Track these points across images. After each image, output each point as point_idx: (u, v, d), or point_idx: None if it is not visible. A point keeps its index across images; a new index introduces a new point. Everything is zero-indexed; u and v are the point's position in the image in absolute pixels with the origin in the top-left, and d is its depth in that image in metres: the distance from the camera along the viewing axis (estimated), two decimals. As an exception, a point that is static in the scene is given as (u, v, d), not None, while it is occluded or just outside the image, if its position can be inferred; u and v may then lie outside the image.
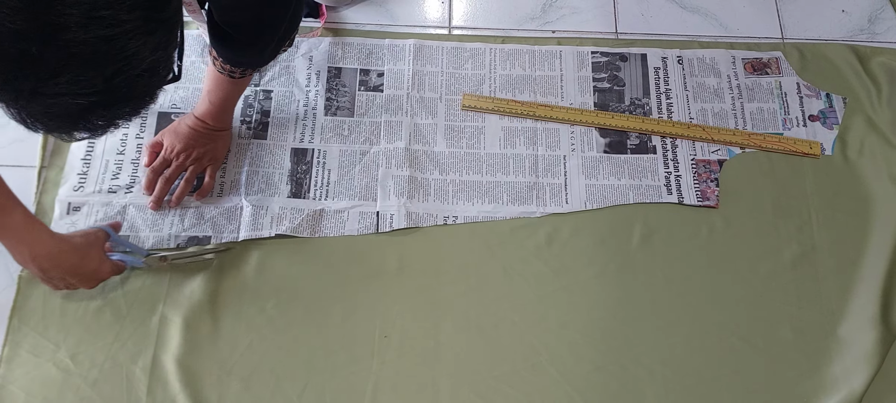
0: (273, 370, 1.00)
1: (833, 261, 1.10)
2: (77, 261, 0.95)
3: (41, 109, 0.60)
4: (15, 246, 0.91)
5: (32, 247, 0.91)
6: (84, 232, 0.99)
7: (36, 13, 0.54)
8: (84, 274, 0.97)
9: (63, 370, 1.00)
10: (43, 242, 0.92)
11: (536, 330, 1.04)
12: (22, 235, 0.90)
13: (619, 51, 1.27)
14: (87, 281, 0.98)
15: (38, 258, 0.92)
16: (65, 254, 0.94)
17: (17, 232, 0.90)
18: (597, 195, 1.14)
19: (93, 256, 0.98)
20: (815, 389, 1.02)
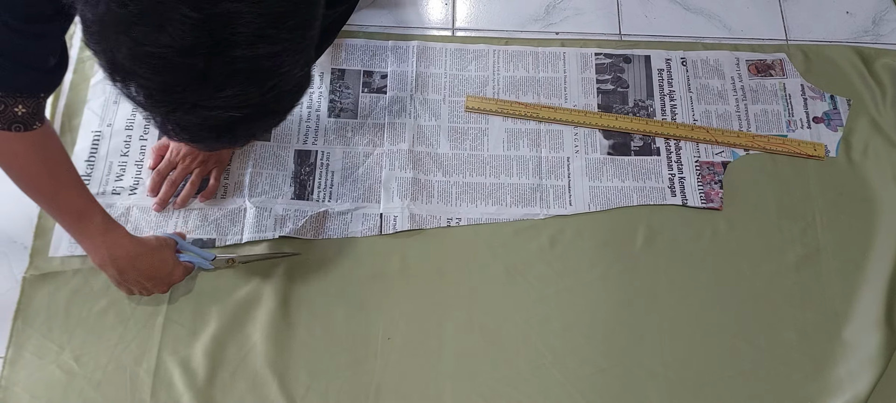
0: (276, 371, 1.00)
1: (837, 263, 1.10)
2: (154, 264, 0.97)
3: (197, 122, 0.62)
4: (95, 248, 0.93)
5: (112, 250, 0.93)
6: (157, 237, 1.01)
7: (212, 30, 0.56)
8: (159, 276, 0.99)
9: (67, 371, 1.00)
10: (122, 245, 0.94)
11: (539, 331, 1.04)
12: (102, 238, 0.93)
13: (623, 52, 1.27)
14: (161, 284, 1.00)
15: (117, 260, 0.94)
16: (142, 257, 0.96)
17: (97, 235, 0.92)
18: (600, 197, 1.14)
19: (167, 259, 0.99)
20: (819, 391, 1.02)
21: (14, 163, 0.86)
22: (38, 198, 0.91)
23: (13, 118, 0.80)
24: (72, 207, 0.91)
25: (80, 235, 0.94)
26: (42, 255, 1.07)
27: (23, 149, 0.84)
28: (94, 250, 0.94)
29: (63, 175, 0.90)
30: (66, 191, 0.91)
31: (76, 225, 0.93)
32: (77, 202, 0.91)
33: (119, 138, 1.16)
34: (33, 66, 0.79)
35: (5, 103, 0.78)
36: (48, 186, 0.89)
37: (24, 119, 0.80)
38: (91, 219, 0.92)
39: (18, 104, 0.79)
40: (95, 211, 0.93)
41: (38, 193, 0.90)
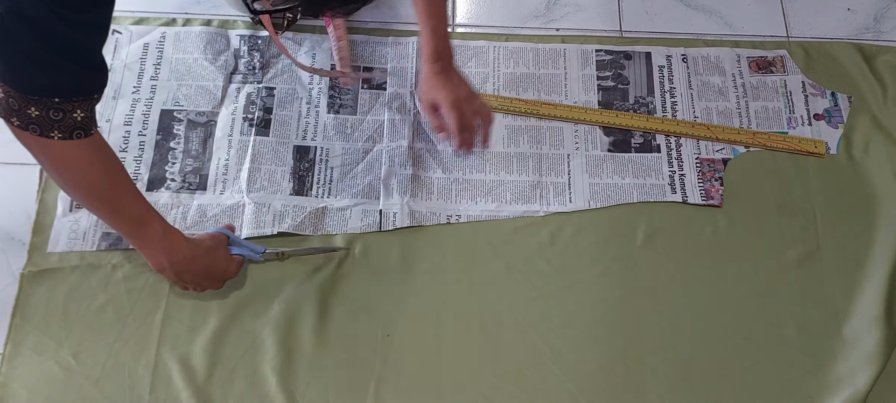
0: (276, 369, 1.00)
1: (838, 261, 1.09)
2: (209, 263, 0.98)
3: None
4: (154, 254, 0.93)
5: (170, 254, 0.93)
6: (210, 235, 1.00)
7: None
8: (215, 274, 0.99)
9: (65, 368, 1.00)
10: (179, 248, 0.94)
11: (539, 329, 1.04)
12: (161, 244, 0.93)
13: (624, 49, 1.27)
14: (217, 281, 1.01)
15: (176, 263, 0.94)
16: (198, 258, 0.96)
17: (156, 242, 0.92)
18: (600, 194, 1.14)
19: (221, 257, 1.00)
20: (819, 388, 1.01)
21: (77, 173, 0.84)
22: (100, 206, 0.89)
23: (73, 125, 0.78)
24: (132, 214, 0.90)
25: (139, 241, 0.93)
26: (40, 252, 1.06)
27: (85, 157, 0.82)
28: (154, 256, 0.94)
29: (123, 181, 0.89)
30: (127, 198, 0.90)
31: (136, 231, 0.92)
32: (137, 209, 0.91)
33: (118, 134, 1.15)
34: (87, 64, 0.77)
35: (64, 110, 0.76)
36: (110, 194, 0.88)
37: (83, 124, 0.79)
38: (151, 225, 0.92)
39: (77, 109, 0.77)
40: (154, 216, 0.92)
41: (100, 202, 0.88)
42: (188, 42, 1.23)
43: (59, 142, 0.78)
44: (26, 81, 0.74)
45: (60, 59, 0.74)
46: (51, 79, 0.75)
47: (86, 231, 1.08)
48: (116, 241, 1.07)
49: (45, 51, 0.72)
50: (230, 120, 1.17)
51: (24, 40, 0.71)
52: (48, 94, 0.75)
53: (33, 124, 0.76)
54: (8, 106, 0.75)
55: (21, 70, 0.74)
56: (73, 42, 0.74)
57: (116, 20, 1.25)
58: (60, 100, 0.76)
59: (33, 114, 0.75)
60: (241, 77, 1.21)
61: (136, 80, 1.19)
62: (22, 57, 0.73)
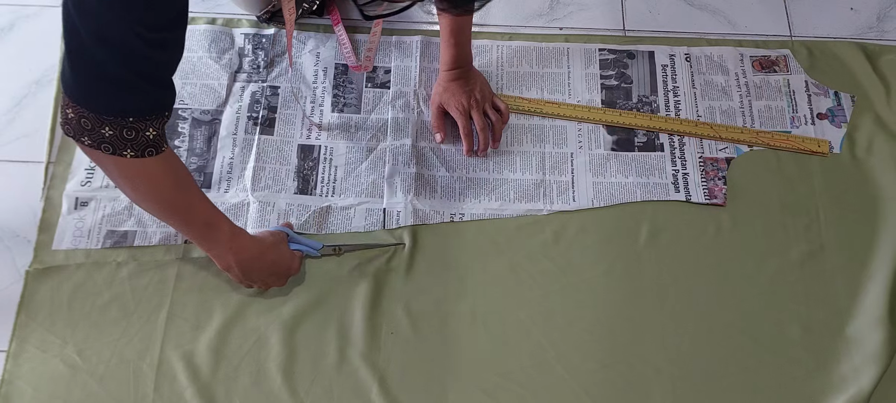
0: (280, 366, 1.00)
1: (841, 260, 1.09)
2: (274, 259, 1.00)
3: None
4: (222, 254, 0.95)
5: (238, 254, 0.95)
6: (272, 232, 1.02)
7: None
8: (279, 271, 1.01)
9: (70, 365, 1.00)
10: (246, 248, 0.96)
11: (543, 327, 1.04)
12: (229, 244, 0.94)
13: (627, 48, 1.27)
14: (281, 277, 1.02)
15: (243, 262, 0.96)
16: (264, 255, 0.98)
17: (224, 242, 0.94)
18: (604, 193, 1.14)
19: (284, 253, 1.01)
20: (822, 388, 1.01)
21: (150, 187, 0.85)
22: (171, 214, 0.90)
23: (146, 143, 0.78)
24: (202, 219, 0.92)
25: (207, 243, 0.94)
26: (45, 249, 1.07)
27: (157, 172, 0.83)
28: (221, 256, 0.95)
29: (192, 189, 0.90)
30: (196, 204, 0.91)
31: (205, 234, 0.93)
32: (205, 213, 0.92)
33: (122, 132, 1.15)
34: (160, 83, 0.78)
35: (137, 129, 0.77)
36: (181, 203, 0.89)
37: (155, 142, 0.79)
38: (219, 228, 0.93)
39: (149, 128, 0.78)
40: (221, 219, 0.94)
41: (171, 211, 0.90)
42: (192, 40, 1.23)
43: (131, 159, 0.78)
44: (103, 102, 0.74)
45: (137, 79, 0.74)
46: (127, 99, 0.75)
47: (91, 229, 1.08)
48: (121, 239, 1.08)
49: (124, 71, 0.73)
50: (234, 118, 1.17)
51: (104, 62, 0.72)
52: (123, 114, 0.75)
53: (106, 143, 0.77)
54: (80, 126, 0.76)
55: (98, 91, 0.74)
56: (150, 61, 0.75)
57: (121, 19, 1.25)
58: (134, 120, 0.76)
59: (107, 134, 0.76)
60: (246, 76, 1.21)
61: (140, 79, 1.20)
62: (101, 78, 0.73)
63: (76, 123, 0.76)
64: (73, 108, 0.75)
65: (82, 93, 0.74)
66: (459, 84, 1.14)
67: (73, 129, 0.76)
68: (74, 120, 0.75)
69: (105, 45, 0.71)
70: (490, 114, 1.16)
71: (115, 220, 1.09)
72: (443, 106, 1.15)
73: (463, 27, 1.11)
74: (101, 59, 0.71)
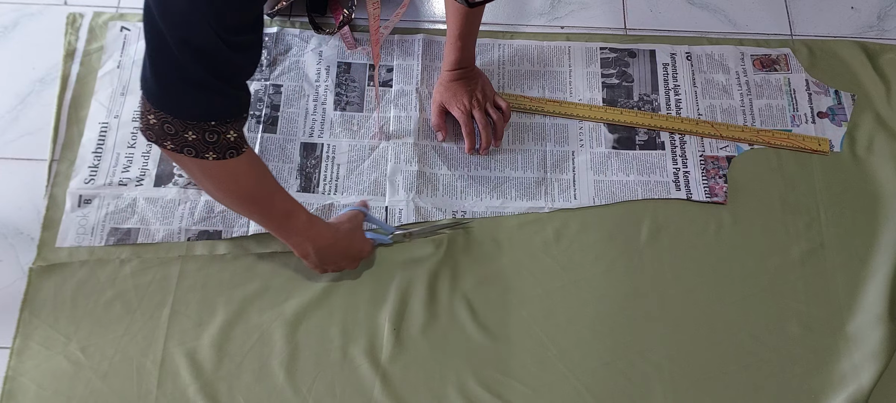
0: (283, 363, 1.01)
1: (841, 258, 1.10)
2: (349, 245, 1.02)
3: None
4: (300, 242, 0.97)
5: (315, 241, 0.97)
6: (348, 217, 1.03)
7: None
8: (352, 255, 1.03)
9: (74, 362, 1.00)
10: (323, 235, 0.98)
11: (544, 324, 1.05)
12: (306, 232, 0.96)
13: (628, 47, 1.27)
14: (354, 261, 1.04)
15: (319, 249, 0.98)
16: (339, 241, 1.00)
17: (302, 231, 0.96)
18: (605, 191, 1.15)
19: (358, 238, 1.03)
20: (822, 385, 1.02)
21: (232, 185, 0.86)
22: (251, 208, 0.92)
23: (227, 145, 0.79)
24: (281, 210, 0.93)
25: (285, 232, 0.96)
26: (49, 247, 1.07)
27: (239, 171, 0.84)
28: (299, 244, 0.97)
29: (271, 182, 0.91)
30: (275, 197, 0.92)
31: (284, 224, 0.95)
32: (284, 205, 0.93)
33: (126, 130, 1.16)
34: (239, 85, 0.79)
35: (218, 132, 0.78)
36: (262, 197, 0.90)
37: (236, 144, 0.80)
38: (297, 218, 0.95)
39: (230, 131, 0.79)
40: (298, 208, 0.95)
41: (252, 205, 0.91)
42: (195, 39, 1.23)
43: (213, 161, 0.79)
44: (187, 107, 0.75)
45: (219, 83, 0.75)
46: (210, 103, 0.76)
47: (94, 226, 1.09)
48: (124, 237, 1.08)
49: (207, 75, 0.73)
50: (237, 116, 1.18)
51: (188, 66, 0.72)
52: (206, 119, 0.76)
53: (189, 147, 0.77)
54: (163, 131, 0.76)
55: (182, 97, 0.75)
56: (232, 65, 0.75)
57: (124, 17, 1.26)
58: (216, 124, 0.77)
59: (190, 138, 0.77)
60: (248, 74, 1.21)
61: (143, 77, 1.20)
62: (185, 83, 0.74)
63: (159, 129, 0.76)
64: (156, 115, 0.75)
65: (166, 99, 0.75)
66: (461, 83, 1.15)
67: (155, 135, 0.77)
68: (157, 125, 0.76)
69: (189, 49, 0.71)
70: (491, 113, 1.16)
71: (118, 218, 1.09)
72: (444, 105, 1.16)
73: (472, 29, 1.12)
74: (185, 63, 0.72)
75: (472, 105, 1.15)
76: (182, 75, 0.73)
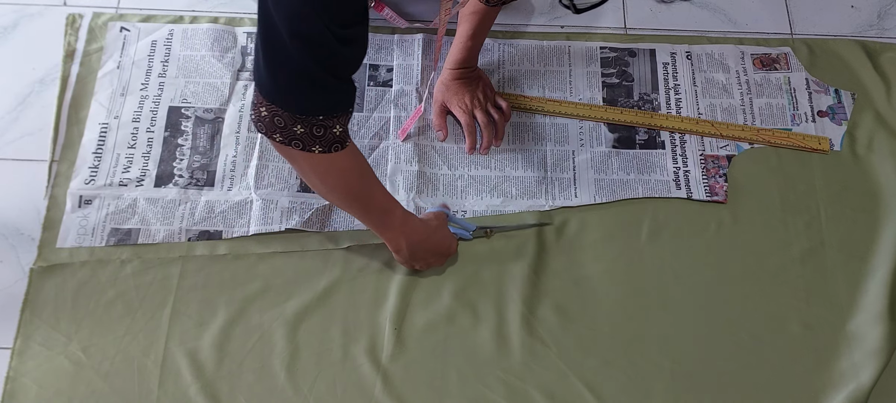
0: (284, 362, 1.01)
1: (841, 257, 1.10)
2: (438, 241, 1.03)
3: None
4: (394, 237, 0.99)
5: (408, 236, 0.99)
6: (435, 215, 1.05)
7: None
8: (441, 252, 1.04)
9: (75, 362, 1.00)
10: (417, 231, 1.00)
11: (545, 324, 1.05)
12: (401, 228, 0.98)
13: (628, 46, 1.27)
14: (442, 257, 1.06)
15: (412, 244, 0.99)
16: (430, 238, 1.02)
17: (397, 227, 0.98)
18: (605, 190, 1.15)
19: (447, 235, 1.05)
20: (823, 384, 1.02)
21: (338, 180, 0.87)
22: (353, 203, 0.94)
23: (333, 139, 0.81)
24: (380, 206, 0.95)
25: (382, 228, 0.98)
26: (50, 247, 1.07)
27: (345, 165, 0.85)
28: (393, 239, 0.99)
29: (372, 178, 0.93)
30: (376, 193, 0.94)
31: (382, 220, 0.96)
32: (383, 200, 0.95)
33: (126, 130, 1.16)
34: (346, 79, 0.80)
35: (325, 126, 0.79)
36: (364, 192, 0.92)
37: (341, 138, 0.82)
38: (394, 214, 0.97)
39: (336, 125, 0.80)
40: (395, 204, 0.97)
41: (354, 200, 0.93)
42: (196, 39, 1.23)
43: (320, 155, 0.81)
44: (297, 101, 0.77)
45: (330, 78, 0.76)
46: (320, 98, 0.77)
47: (95, 226, 1.09)
48: (125, 237, 1.08)
49: (318, 70, 0.75)
50: (238, 117, 1.18)
51: (300, 60, 0.73)
52: (315, 113, 0.78)
53: (297, 140, 0.79)
54: (273, 124, 0.78)
55: (294, 91, 0.76)
56: (340, 59, 0.77)
57: (124, 17, 1.26)
58: (324, 118, 0.78)
59: (298, 132, 0.78)
60: (249, 74, 1.21)
61: (144, 77, 1.20)
62: (298, 77, 0.75)
63: (269, 121, 0.78)
64: (268, 107, 0.77)
65: (278, 92, 0.76)
66: (463, 83, 1.15)
67: (266, 127, 0.78)
68: (267, 118, 0.78)
69: (300, 42, 0.72)
70: (492, 113, 1.16)
71: (118, 218, 1.09)
72: (445, 104, 1.16)
73: (484, 30, 1.12)
74: (298, 56, 0.73)
75: (473, 104, 1.15)
76: (294, 69, 0.74)
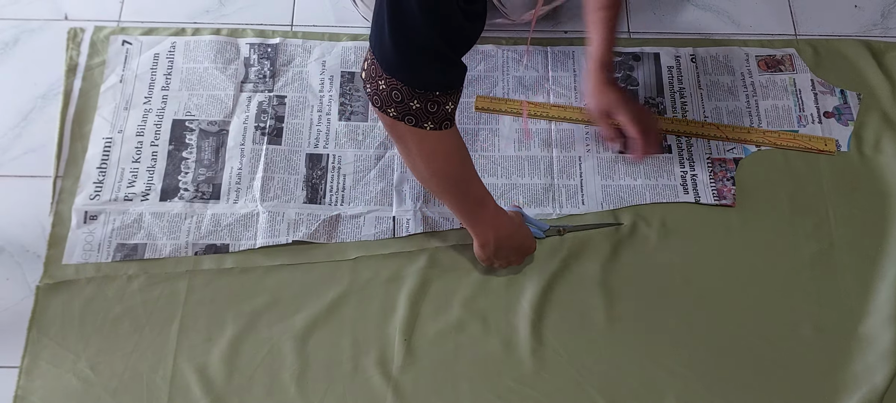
0: (294, 376, 1.00)
1: (852, 259, 1.09)
2: (521, 238, 1.03)
3: None
4: (484, 231, 0.98)
5: (497, 230, 0.99)
6: (514, 214, 1.04)
7: None
8: (523, 250, 1.04)
9: (83, 380, 1.00)
10: (505, 225, 1.00)
11: (556, 330, 1.04)
12: (492, 221, 0.98)
13: (632, 50, 1.27)
14: (522, 255, 1.05)
15: (499, 239, 0.99)
16: (515, 234, 1.02)
17: (489, 220, 0.98)
18: (613, 195, 1.14)
19: (528, 233, 1.05)
20: (836, 387, 1.01)
21: (442, 161, 0.87)
22: (453, 191, 0.93)
23: (444, 116, 0.80)
24: (475, 197, 0.95)
25: (474, 219, 0.97)
26: (55, 264, 1.07)
27: (450, 146, 0.85)
28: (483, 232, 0.98)
29: (471, 166, 0.93)
30: (474, 182, 0.93)
31: (475, 211, 0.96)
32: (479, 191, 0.95)
33: (130, 144, 1.15)
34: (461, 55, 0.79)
35: (439, 102, 0.78)
36: (464, 178, 0.91)
37: (451, 116, 0.81)
38: (487, 206, 0.97)
39: (449, 101, 0.79)
40: (490, 198, 0.97)
41: (454, 187, 0.93)
42: (198, 51, 1.23)
43: (430, 132, 0.80)
44: (420, 75, 0.76)
45: (450, 52, 0.76)
46: (441, 73, 0.77)
47: (100, 242, 1.08)
48: (131, 252, 1.08)
49: (444, 45, 0.74)
50: (242, 129, 1.17)
51: (430, 36, 0.72)
52: (434, 88, 0.77)
53: (411, 115, 0.78)
54: (390, 98, 0.77)
55: (418, 64, 0.75)
56: (464, 34, 0.76)
57: (126, 31, 1.25)
58: (440, 93, 0.77)
59: (414, 107, 0.77)
60: (252, 86, 1.21)
61: (147, 91, 1.20)
62: (422, 51, 0.74)
63: (387, 95, 0.77)
64: (387, 80, 0.76)
65: (403, 65, 0.75)
66: (615, 86, 1.12)
67: (382, 100, 0.78)
68: (385, 91, 0.77)
69: (434, 18, 0.71)
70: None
71: (124, 233, 1.09)
72: (609, 112, 1.12)
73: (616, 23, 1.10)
74: (427, 31, 0.72)
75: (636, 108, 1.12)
76: (421, 45, 0.73)
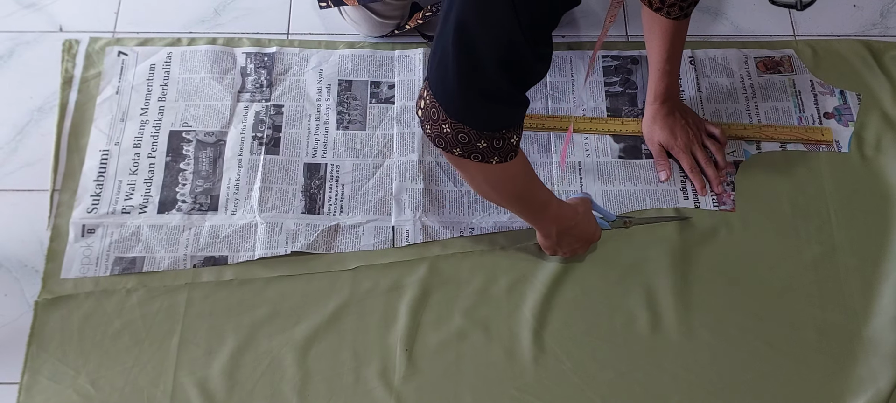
0: (295, 388, 1.00)
1: (854, 261, 1.09)
2: (585, 228, 1.04)
3: None
4: (547, 226, 1.00)
5: (559, 224, 1.00)
6: (581, 200, 1.05)
7: None
8: (586, 238, 1.05)
9: (84, 395, 0.99)
10: (567, 217, 1.01)
11: (558, 338, 1.04)
12: (555, 218, 0.99)
13: (631, 54, 1.26)
14: (586, 244, 1.06)
15: (562, 231, 1.01)
16: (579, 224, 1.02)
17: (552, 217, 0.98)
18: (613, 201, 1.14)
19: (592, 221, 1.05)
20: (840, 391, 1.01)
21: (508, 185, 0.89)
22: (518, 204, 0.96)
23: (510, 149, 0.81)
24: (540, 202, 0.96)
25: (538, 218, 0.99)
26: (54, 278, 1.06)
27: (517, 172, 0.86)
28: (546, 228, 1.00)
29: (534, 177, 0.94)
30: (538, 189, 0.95)
31: (540, 213, 0.98)
32: (543, 195, 0.96)
33: (127, 156, 1.15)
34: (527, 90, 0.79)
35: (505, 138, 0.79)
36: (528, 192, 0.93)
37: (516, 147, 0.82)
38: (551, 206, 0.98)
39: (514, 135, 0.80)
40: (552, 197, 0.98)
41: (519, 202, 0.95)
42: (194, 61, 1.22)
43: (496, 165, 0.81)
44: (487, 120, 0.76)
45: (518, 93, 0.77)
46: (507, 114, 0.78)
47: (99, 256, 1.07)
48: (130, 265, 1.07)
49: (511, 87, 0.75)
50: (239, 139, 1.17)
51: (501, 83, 0.73)
52: (501, 128, 0.78)
53: (477, 153, 0.79)
54: (456, 140, 0.78)
55: (486, 110, 0.76)
56: (533, 74, 0.77)
57: (121, 42, 1.24)
58: (506, 131, 0.78)
59: (481, 146, 0.78)
60: (249, 95, 1.20)
61: (143, 102, 1.19)
62: (492, 98, 0.75)
63: (452, 137, 0.78)
64: (452, 124, 0.76)
65: (469, 112, 0.76)
66: (674, 118, 1.13)
67: (446, 142, 0.78)
68: (450, 134, 0.77)
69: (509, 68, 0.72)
70: (708, 144, 1.15)
71: (122, 247, 1.08)
72: (662, 144, 1.14)
73: (678, 50, 1.10)
74: (497, 79, 0.73)
75: (690, 141, 1.13)
76: (488, 89, 0.74)
